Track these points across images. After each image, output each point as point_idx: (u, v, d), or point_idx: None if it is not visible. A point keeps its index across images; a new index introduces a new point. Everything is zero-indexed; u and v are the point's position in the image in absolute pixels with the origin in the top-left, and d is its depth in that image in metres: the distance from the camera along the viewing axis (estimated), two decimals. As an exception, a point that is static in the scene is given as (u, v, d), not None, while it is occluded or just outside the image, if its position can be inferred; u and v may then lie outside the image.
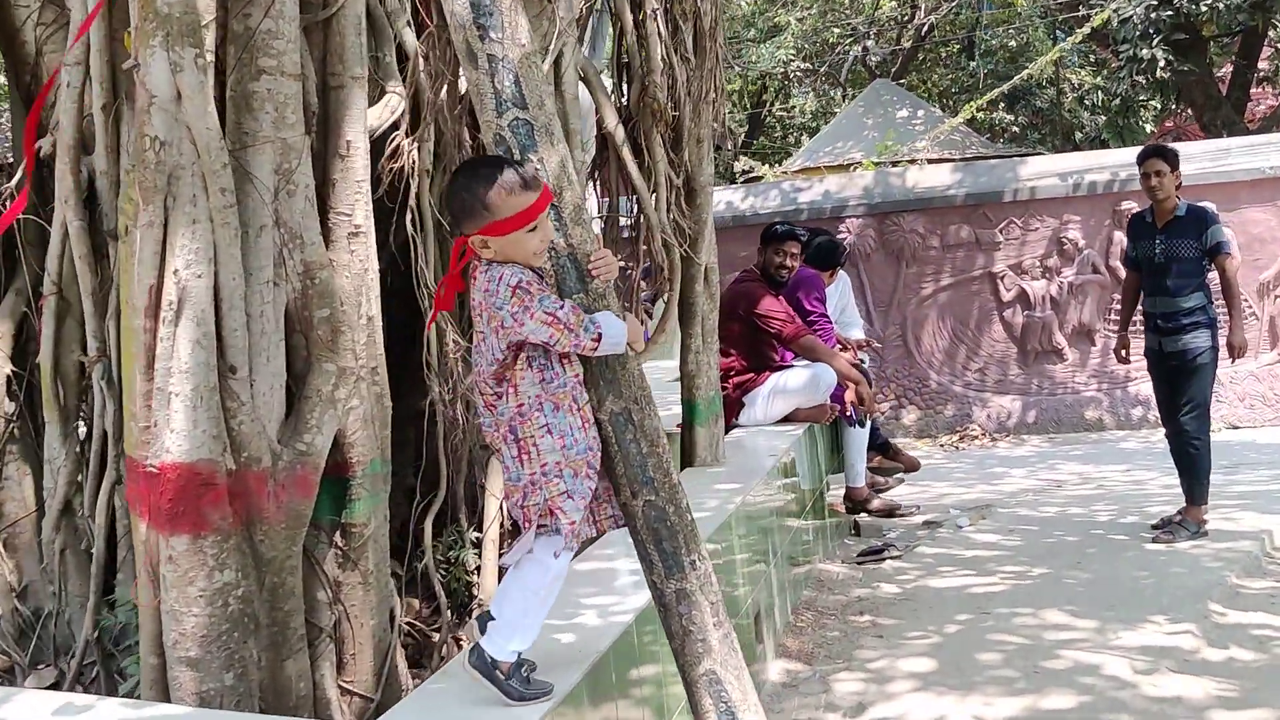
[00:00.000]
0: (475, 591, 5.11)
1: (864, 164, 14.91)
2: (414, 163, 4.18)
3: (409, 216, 4.40)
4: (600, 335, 2.86)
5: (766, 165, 18.11)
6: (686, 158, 5.40)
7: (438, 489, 4.93)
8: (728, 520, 4.70)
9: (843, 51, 23.52)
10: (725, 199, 12.85)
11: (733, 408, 6.73)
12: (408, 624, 4.59)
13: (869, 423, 7.39)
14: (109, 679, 4.16)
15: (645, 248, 5.03)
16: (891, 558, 6.74)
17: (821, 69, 23.86)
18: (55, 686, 4.25)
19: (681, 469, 6.10)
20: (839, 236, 10.12)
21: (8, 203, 4.30)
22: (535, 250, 2.86)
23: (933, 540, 7.16)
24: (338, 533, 3.80)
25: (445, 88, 4.24)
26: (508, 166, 2.83)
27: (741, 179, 18.15)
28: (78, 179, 4.02)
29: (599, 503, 3.03)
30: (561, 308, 2.82)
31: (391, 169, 4.11)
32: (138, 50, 3.15)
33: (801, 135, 25.54)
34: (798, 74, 24.09)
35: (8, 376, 4.57)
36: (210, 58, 3.24)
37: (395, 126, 4.13)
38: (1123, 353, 7.06)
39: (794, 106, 26.50)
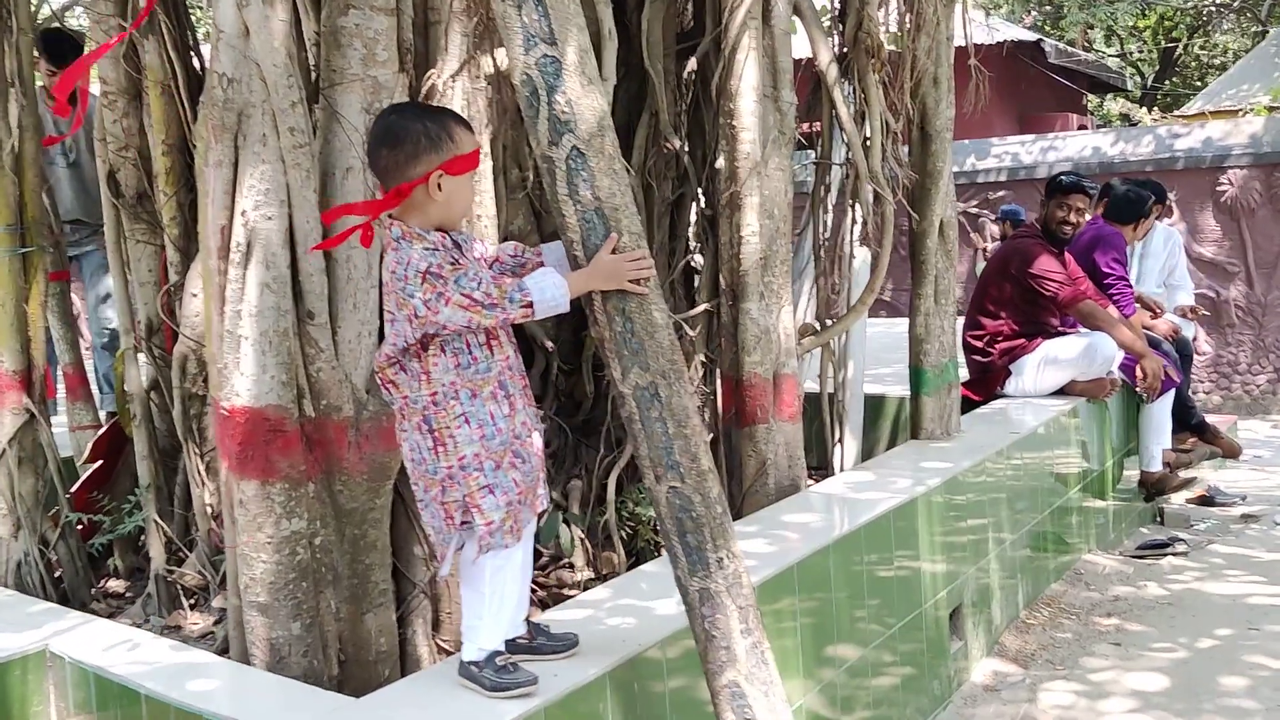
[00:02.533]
0: (661, 551, 4.91)
1: (1255, 109, 13.27)
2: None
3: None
4: (531, 302, 2.56)
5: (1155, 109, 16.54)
6: (921, 99, 4.87)
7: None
8: (913, 501, 4.24)
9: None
10: (1092, 144, 11.85)
11: (999, 376, 6.12)
12: (540, 584, 4.44)
13: (1169, 401, 6.53)
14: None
15: (852, 200, 4.58)
16: (1176, 554, 5.95)
17: (1234, 3, 21.46)
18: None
19: (891, 439, 5.63)
20: (1164, 188, 8.93)
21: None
22: (468, 202, 2.74)
23: (1237, 537, 6.28)
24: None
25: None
26: (453, 112, 2.74)
27: (1119, 122, 16.68)
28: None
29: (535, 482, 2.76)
30: (479, 284, 2.54)
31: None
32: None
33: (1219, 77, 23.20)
34: (1213, 8, 21.77)
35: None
36: (281, -8, 3.13)
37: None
38: None
39: (1215, 45, 24.03)
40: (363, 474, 3.40)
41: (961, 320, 5.95)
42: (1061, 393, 6.09)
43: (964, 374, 6.38)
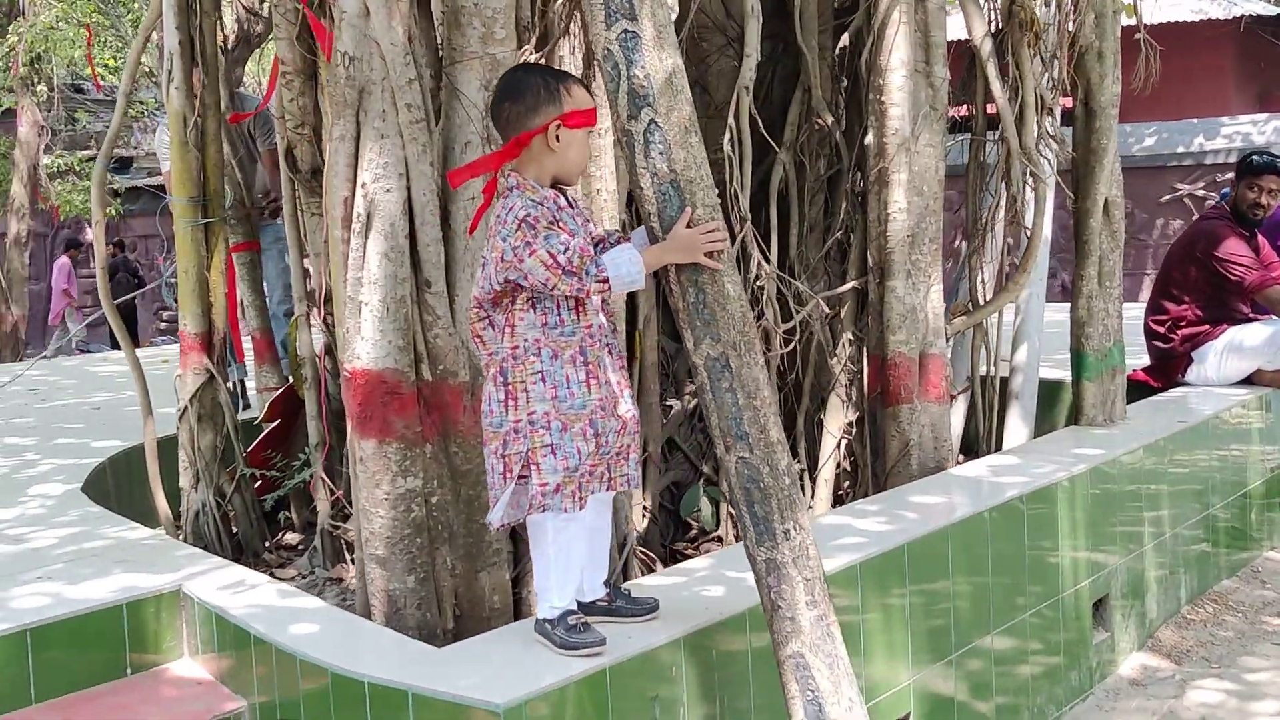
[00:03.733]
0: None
1: None
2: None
3: (726, 135, 4.20)
4: (606, 278, 2.62)
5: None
6: (1085, 75, 4.70)
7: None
8: (1051, 486, 4.13)
9: None
10: (1240, 130, 11.15)
11: (1180, 363, 5.85)
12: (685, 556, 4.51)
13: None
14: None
15: (1005, 179, 4.46)
16: (1370, 558, 5.59)
17: None
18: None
19: (1066, 425, 5.45)
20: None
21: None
22: (583, 157, 2.82)
23: None
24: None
25: None
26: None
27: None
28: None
29: (616, 459, 2.79)
30: (565, 249, 2.59)
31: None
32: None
33: None
34: None
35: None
36: (399, -28, 3.27)
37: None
38: None
39: None
40: (477, 436, 3.51)
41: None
42: (1248, 382, 5.78)
43: (1146, 359, 6.14)
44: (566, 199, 2.77)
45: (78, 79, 20.61)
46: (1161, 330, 5.97)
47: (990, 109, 4.83)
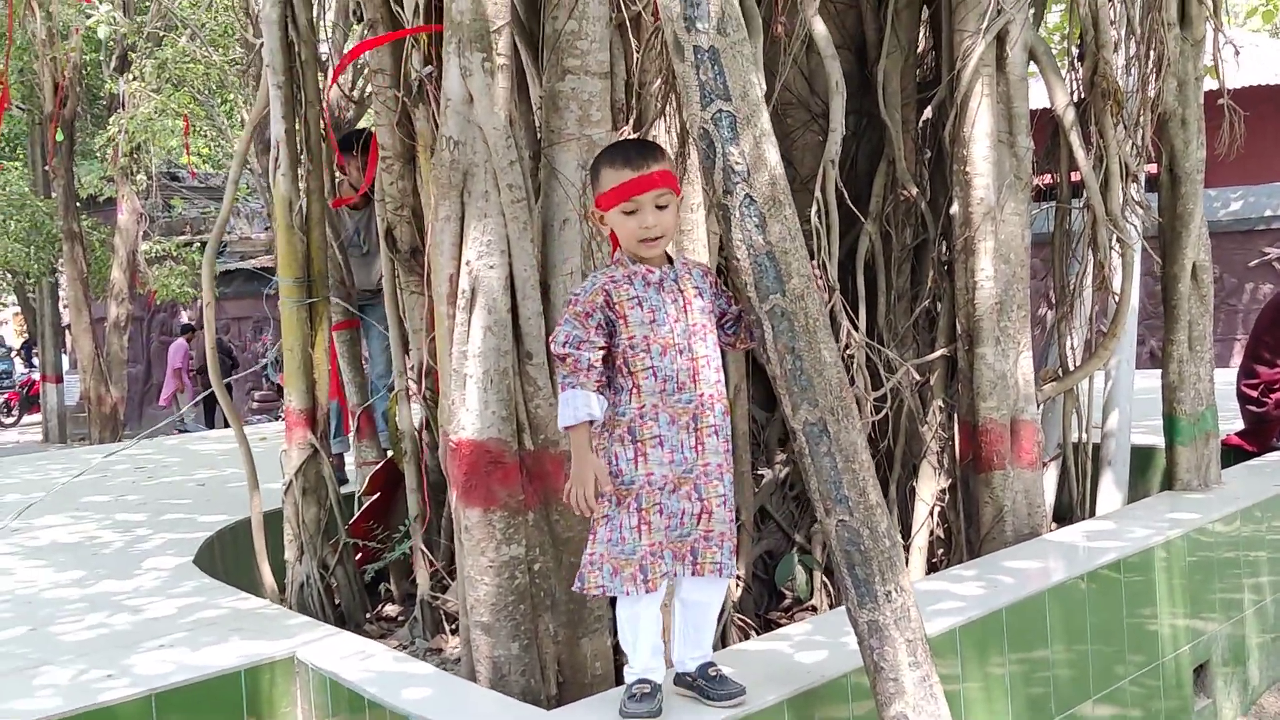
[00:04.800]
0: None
1: None
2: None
3: (814, 207, 4.30)
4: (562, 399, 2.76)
5: None
6: (1169, 141, 4.75)
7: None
8: (1148, 551, 4.12)
9: None
10: None
11: (1274, 426, 5.82)
12: (759, 616, 4.54)
13: None
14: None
15: (1091, 245, 4.51)
16: None
17: None
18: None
19: (1160, 491, 5.42)
20: None
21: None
22: (631, 233, 2.79)
23: None
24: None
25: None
26: (629, 143, 2.83)
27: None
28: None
29: (704, 544, 2.83)
30: (565, 341, 2.75)
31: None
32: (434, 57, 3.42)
33: None
34: None
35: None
36: (501, 61, 3.43)
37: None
38: None
39: None
40: (578, 506, 3.61)
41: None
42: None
43: (1239, 424, 6.10)
44: (660, 274, 2.83)
45: (173, 167, 21.32)
46: (1254, 394, 5.93)
47: (1074, 176, 4.88)
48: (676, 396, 2.79)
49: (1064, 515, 5.32)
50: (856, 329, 4.32)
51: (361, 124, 8.57)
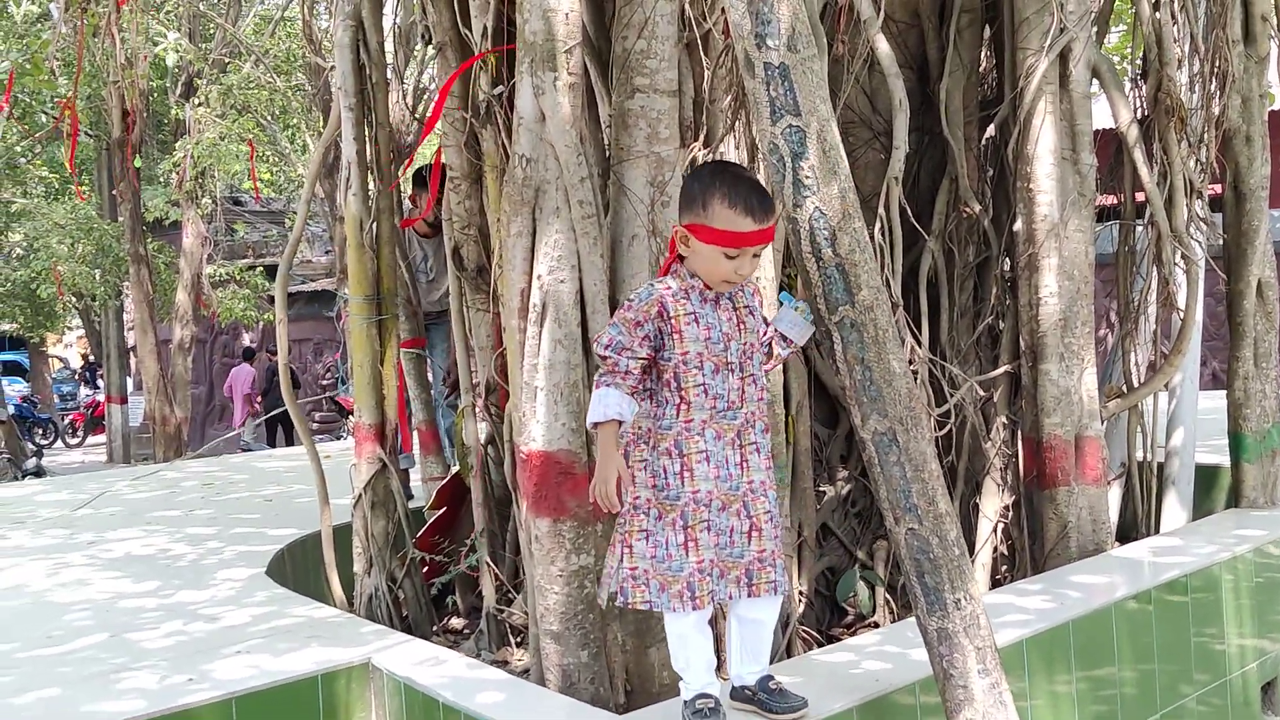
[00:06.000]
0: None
1: None
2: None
3: (877, 224, 4.35)
4: (595, 396, 2.78)
5: None
6: (1234, 158, 4.76)
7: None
8: (1213, 567, 4.12)
9: None
10: None
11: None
12: (822, 632, 4.56)
13: None
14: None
15: (1155, 262, 4.52)
16: None
17: None
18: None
19: (1225, 509, 5.39)
20: None
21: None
22: (724, 277, 2.78)
23: None
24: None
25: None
26: (751, 186, 2.77)
27: None
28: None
29: (759, 565, 2.83)
30: (609, 344, 2.76)
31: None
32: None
33: None
34: None
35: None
36: (571, 79, 3.50)
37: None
38: None
39: None
40: (647, 517, 3.66)
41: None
42: None
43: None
44: (715, 292, 2.84)
45: (235, 192, 21.67)
46: (1322, 412, 5.88)
47: (1139, 196, 4.90)
48: (725, 414, 2.81)
49: (1128, 533, 5.30)
50: (920, 345, 4.35)
51: (425, 146, 8.68)
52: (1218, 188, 5.16)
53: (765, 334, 2.98)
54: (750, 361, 2.88)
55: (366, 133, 5.04)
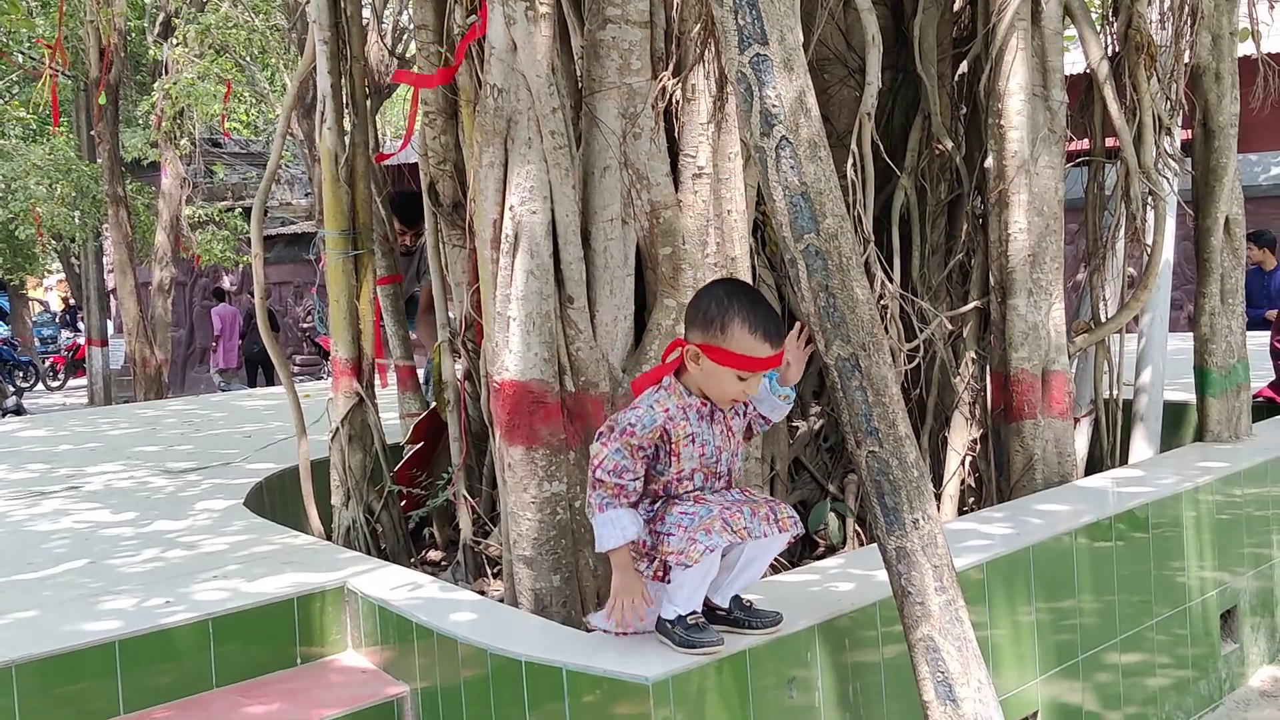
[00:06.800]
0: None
1: None
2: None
3: (849, 161, 4.38)
4: (595, 514, 2.78)
5: None
6: (1203, 95, 4.80)
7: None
8: (1175, 497, 4.20)
9: None
10: None
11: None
12: (794, 563, 4.64)
13: None
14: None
15: (1124, 198, 4.57)
16: None
17: None
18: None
19: (1192, 441, 5.48)
20: None
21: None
22: (733, 397, 2.83)
23: None
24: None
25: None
26: (769, 311, 2.81)
27: None
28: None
29: (768, 504, 2.90)
30: (614, 471, 2.75)
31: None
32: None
33: None
34: None
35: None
36: (543, 9, 3.52)
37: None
38: None
39: None
40: (617, 445, 3.72)
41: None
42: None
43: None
44: (711, 407, 2.87)
45: (215, 133, 21.53)
46: (1287, 349, 5.98)
47: (1110, 142, 4.93)
48: (694, 463, 2.89)
49: (1096, 468, 5.39)
50: (891, 281, 4.40)
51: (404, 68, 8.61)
52: (1188, 133, 5.21)
53: (745, 418, 3.01)
54: (735, 462, 2.97)
55: (341, 67, 5.04)
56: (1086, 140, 5.03)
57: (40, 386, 23.83)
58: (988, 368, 4.93)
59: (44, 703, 3.09)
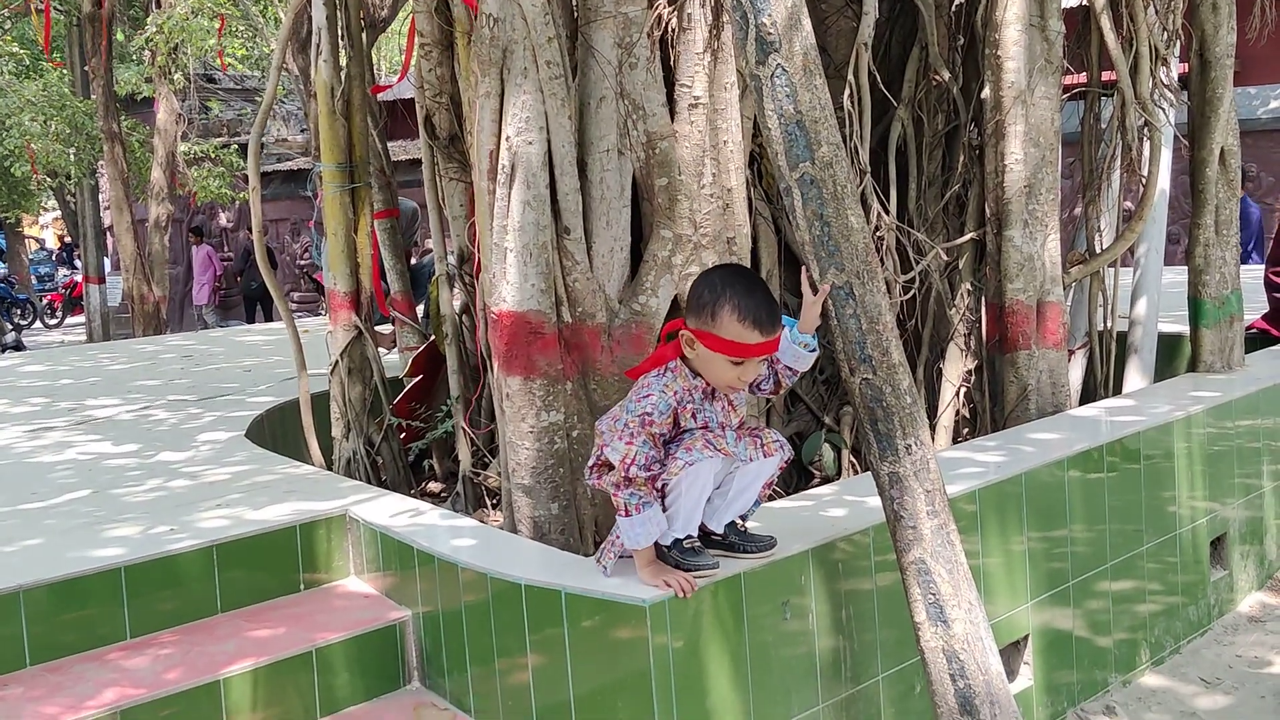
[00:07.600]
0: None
1: None
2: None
3: (846, 92, 4.37)
4: (629, 515, 2.76)
5: None
6: (1200, 25, 4.79)
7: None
8: (1167, 425, 4.25)
9: None
10: None
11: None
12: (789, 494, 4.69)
13: None
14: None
15: (1120, 128, 4.57)
16: None
17: None
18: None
19: (1185, 372, 5.53)
20: None
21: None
22: (728, 383, 2.82)
23: None
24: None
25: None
26: (762, 298, 2.79)
27: None
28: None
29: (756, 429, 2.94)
30: (643, 464, 2.72)
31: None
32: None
33: None
34: None
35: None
36: (537, -62, 3.51)
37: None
38: None
39: None
40: (614, 375, 3.77)
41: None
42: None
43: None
44: (707, 392, 2.87)
45: (210, 69, 21.37)
46: (1281, 281, 6.01)
47: (1107, 75, 4.92)
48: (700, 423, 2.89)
49: (1090, 399, 5.43)
50: (887, 212, 4.41)
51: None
52: (1185, 66, 5.19)
53: (766, 373, 3.00)
54: (733, 430, 2.94)
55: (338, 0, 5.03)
56: (1084, 73, 5.02)
57: (38, 324, 23.86)
58: (983, 299, 4.96)
59: (51, 627, 3.15)
